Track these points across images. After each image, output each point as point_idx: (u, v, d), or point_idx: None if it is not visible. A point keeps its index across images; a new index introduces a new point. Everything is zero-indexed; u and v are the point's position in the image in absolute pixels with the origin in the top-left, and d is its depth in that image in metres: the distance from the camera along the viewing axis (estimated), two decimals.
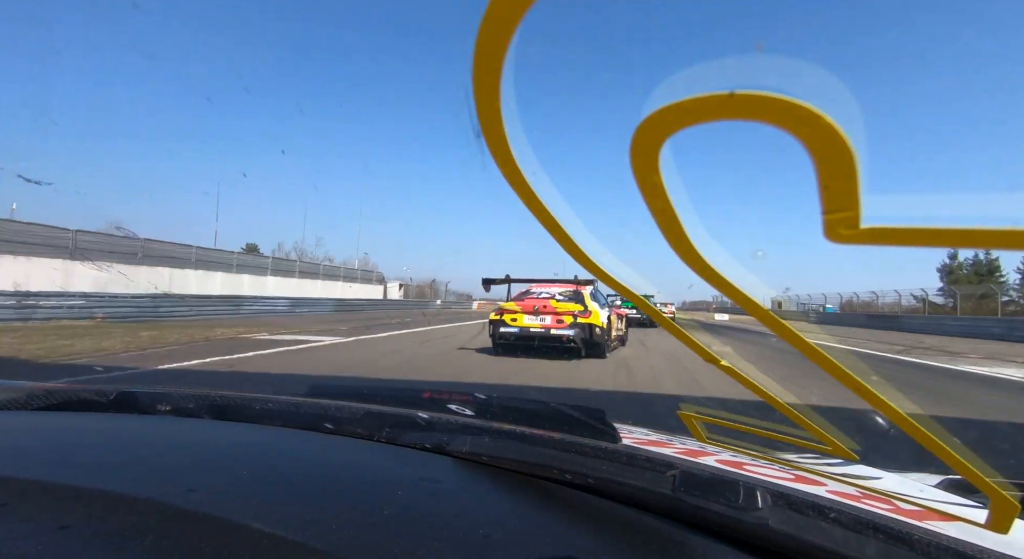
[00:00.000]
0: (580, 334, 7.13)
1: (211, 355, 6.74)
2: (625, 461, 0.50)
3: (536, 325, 7.28)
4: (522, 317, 7.35)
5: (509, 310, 7.45)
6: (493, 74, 0.24)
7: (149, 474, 0.45)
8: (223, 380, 5.09)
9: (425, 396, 0.80)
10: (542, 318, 7.28)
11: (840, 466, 0.77)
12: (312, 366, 6.31)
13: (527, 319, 7.33)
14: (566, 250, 0.32)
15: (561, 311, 7.32)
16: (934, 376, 6.99)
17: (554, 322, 7.24)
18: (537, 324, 7.28)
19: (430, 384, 4.93)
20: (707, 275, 0.29)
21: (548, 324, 7.24)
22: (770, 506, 0.42)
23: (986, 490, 0.36)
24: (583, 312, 7.37)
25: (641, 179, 0.26)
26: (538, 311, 7.31)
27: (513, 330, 7.35)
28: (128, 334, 8.79)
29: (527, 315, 7.34)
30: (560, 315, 7.29)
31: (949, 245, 0.23)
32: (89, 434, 0.59)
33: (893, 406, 0.34)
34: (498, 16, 0.22)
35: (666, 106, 0.23)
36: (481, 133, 0.26)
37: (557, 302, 7.54)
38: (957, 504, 0.64)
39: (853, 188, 0.23)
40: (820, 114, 0.22)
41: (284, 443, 0.60)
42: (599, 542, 0.41)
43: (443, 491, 0.48)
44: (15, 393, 0.72)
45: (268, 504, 0.40)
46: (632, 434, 0.82)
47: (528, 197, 0.29)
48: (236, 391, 0.74)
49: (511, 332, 7.37)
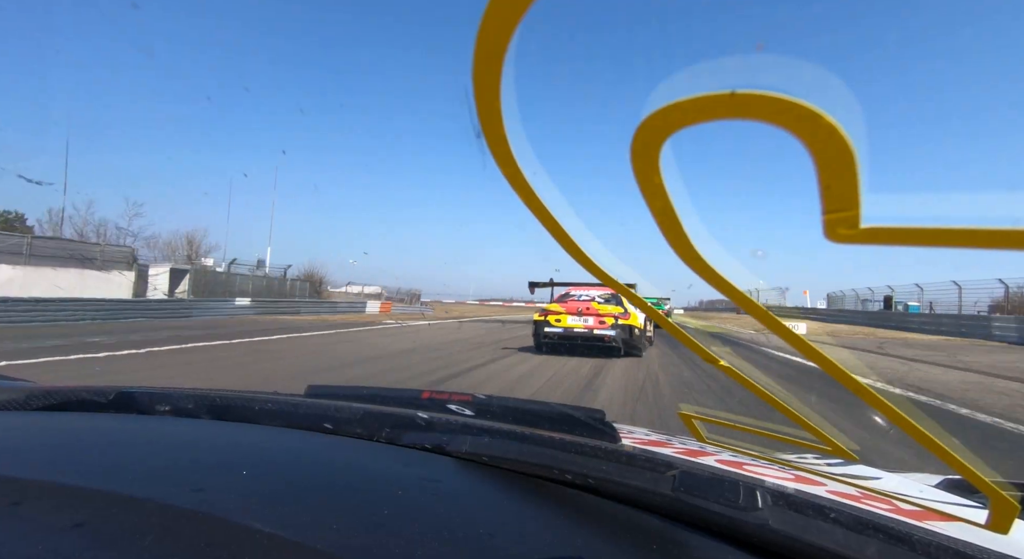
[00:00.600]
0: (621, 334, 7.67)
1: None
2: (625, 461, 0.50)
3: (580, 326, 7.80)
4: (566, 318, 7.88)
5: (554, 311, 8.00)
6: (493, 74, 0.24)
7: (152, 474, 0.45)
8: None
9: (425, 396, 0.80)
10: (585, 319, 7.80)
11: (840, 466, 0.77)
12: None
13: (571, 320, 7.85)
14: (566, 250, 0.32)
15: (603, 313, 7.85)
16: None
17: (596, 323, 7.77)
18: (580, 325, 7.80)
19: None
20: (707, 275, 0.29)
21: (591, 325, 7.77)
22: (770, 506, 0.42)
23: (986, 490, 0.36)
24: (623, 314, 7.85)
25: (641, 179, 0.26)
26: (582, 313, 7.84)
27: (557, 330, 7.88)
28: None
29: (571, 316, 7.86)
30: (602, 317, 7.83)
31: (949, 245, 0.23)
32: (90, 434, 0.59)
33: (893, 406, 0.34)
34: (498, 16, 0.22)
35: (666, 106, 0.23)
36: (481, 133, 0.26)
37: (599, 304, 8.08)
38: (957, 504, 0.64)
39: (853, 188, 0.23)
40: (820, 114, 0.22)
41: (285, 443, 0.60)
42: (599, 542, 0.41)
43: (443, 491, 0.47)
44: (15, 393, 0.72)
45: (269, 504, 0.40)
46: (632, 434, 0.82)
47: (528, 197, 0.29)
48: (236, 391, 0.74)
49: (555, 332, 7.89)
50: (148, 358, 6.65)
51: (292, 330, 12.39)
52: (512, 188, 0.29)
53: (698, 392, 5.21)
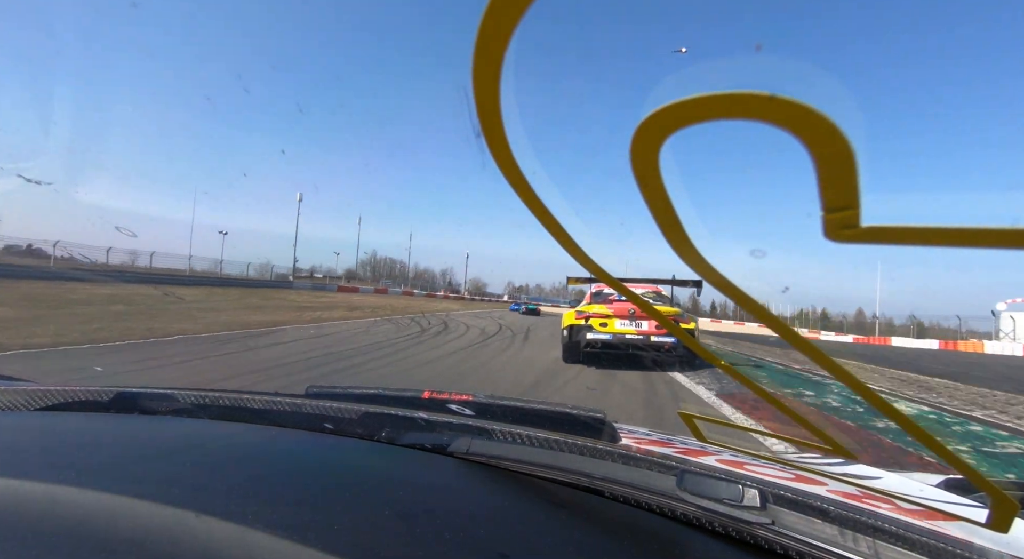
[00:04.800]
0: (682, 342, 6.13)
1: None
2: (625, 461, 0.50)
3: (631, 331, 6.33)
4: (613, 322, 6.40)
5: (597, 314, 6.48)
6: (493, 74, 0.24)
7: (152, 475, 0.45)
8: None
9: (425, 396, 0.80)
10: (638, 323, 6.34)
11: (840, 466, 0.77)
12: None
13: (620, 324, 6.38)
14: (566, 249, 0.32)
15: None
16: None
17: (653, 328, 6.30)
18: (633, 330, 6.34)
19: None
20: (707, 274, 0.29)
21: (647, 330, 6.32)
22: (771, 506, 0.42)
23: (986, 490, 0.36)
24: (682, 316, 6.55)
25: (641, 179, 0.26)
26: (635, 315, 6.36)
27: (604, 337, 6.39)
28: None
29: (620, 320, 6.39)
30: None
31: (949, 244, 0.23)
32: (90, 435, 0.59)
33: (894, 407, 0.34)
34: (498, 16, 0.22)
35: (666, 106, 0.23)
36: (481, 133, 0.26)
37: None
38: (957, 504, 0.64)
39: (853, 187, 0.23)
40: (820, 114, 0.22)
41: (285, 444, 0.60)
42: (600, 542, 0.41)
43: (443, 491, 0.47)
44: (15, 393, 0.72)
45: (269, 505, 0.40)
46: (632, 434, 0.82)
47: (528, 197, 0.29)
48: (236, 391, 0.74)
49: (601, 338, 6.40)
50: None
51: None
52: (512, 188, 0.29)
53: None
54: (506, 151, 0.27)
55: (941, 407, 5.04)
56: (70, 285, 15.00)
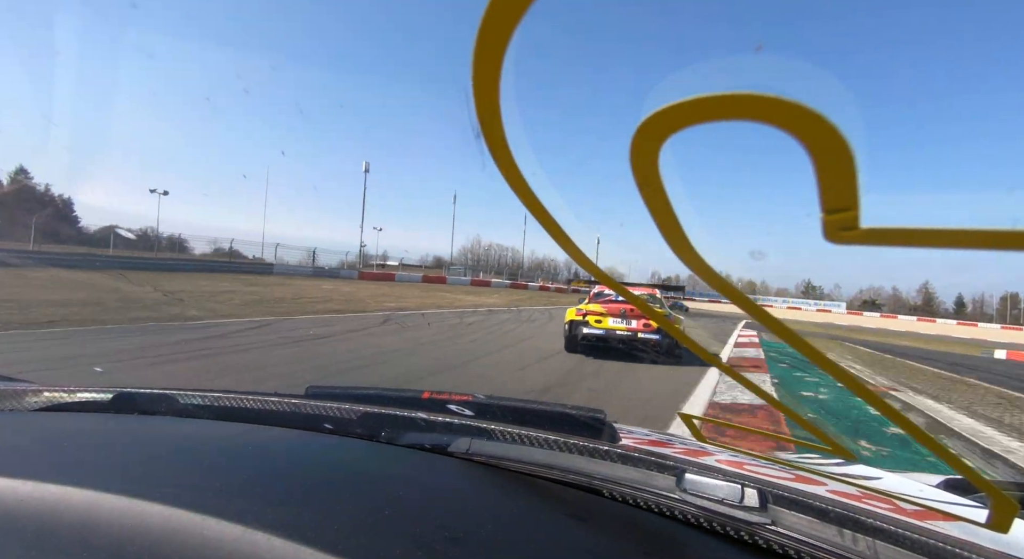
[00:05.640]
0: (667, 339, 7.24)
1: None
2: (625, 461, 0.50)
3: (622, 328, 7.34)
4: (607, 319, 7.38)
5: (593, 312, 7.50)
6: (492, 74, 0.24)
7: (152, 475, 0.45)
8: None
9: (425, 397, 0.80)
10: (628, 321, 7.35)
11: (840, 466, 0.77)
12: None
13: (612, 322, 7.37)
14: (564, 249, 0.32)
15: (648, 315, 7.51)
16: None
17: (641, 326, 7.32)
18: (623, 327, 7.34)
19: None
20: (706, 274, 0.29)
21: (635, 327, 7.32)
22: (771, 506, 0.42)
23: (986, 490, 0.36)
24: (668, 316, 7.35)
25: (641, 179, 0.26)
26: (625, 314, 7.37)
27: (597, 332, 7.40)
28: None
29: (613, 318, 7.37)
30: (647, 319, 7.46)
31: (949, 245, 0.23)
32: (90, 435, 0.58)
33: (893, 406, 0.34)
34: (498, 16, 0.22)
35: (666, 106, 0.23)
36: (481, 133, 0.26)
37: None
38: (957, 504, 0.64)
39: (852, 188, 0.23)
40: (820, 114, 0.22)
41: (285, 444, 0.60)
42: (600, 542, 0.40)
43: (444, 491, 0.47)
44: (15, 393, 0.72)
45: (269, 505, 0.40)
46: (632, 434, 0.82)
47: (527, 197, 0.29)
48: (236, 391, 0.74)
49: (595, 333, 7.41)
50: None
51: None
52: (511, 188, 0.29)
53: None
54: (506, 152, 0.27)
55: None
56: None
